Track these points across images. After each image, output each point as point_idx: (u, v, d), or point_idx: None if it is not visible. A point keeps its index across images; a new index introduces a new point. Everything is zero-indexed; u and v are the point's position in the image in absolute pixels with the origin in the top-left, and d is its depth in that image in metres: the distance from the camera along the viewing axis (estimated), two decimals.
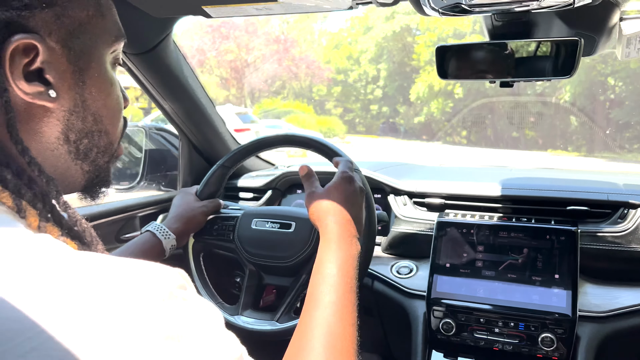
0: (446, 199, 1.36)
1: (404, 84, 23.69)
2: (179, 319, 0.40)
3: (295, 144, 1.21)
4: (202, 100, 1.46)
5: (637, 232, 1.16)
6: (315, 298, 0.75)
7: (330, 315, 0.71)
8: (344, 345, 0.68)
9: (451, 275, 1.20)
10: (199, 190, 1.22)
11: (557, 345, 1.09)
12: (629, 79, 16.10)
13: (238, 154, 1.25)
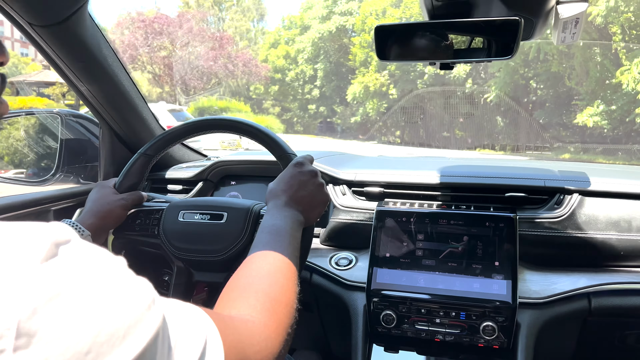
0: (385, 188, 1.32)
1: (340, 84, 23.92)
2: (62, 277, 0.33)
3: (227, 128, 1.12)
4: (125, 83, 1.34)
5: (572, 218, 1.17)
6: (259, 250, 0.75)
7: (274, 267, 0.71)
8: (286, 298, 0.68)
9: (391, 265, 1.16)
10: (118, 182, 1.11)
11: (498, 333, 1.07)
12: (549, 82, 17.07)
13: (162, 140, 1.14)
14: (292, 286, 0.72)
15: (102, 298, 0.35)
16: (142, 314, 0.37)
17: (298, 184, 0.92)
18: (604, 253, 1.14)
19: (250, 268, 0.72)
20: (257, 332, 0.58)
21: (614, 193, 1.17)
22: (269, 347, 0.59)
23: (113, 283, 0.37)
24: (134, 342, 0.35)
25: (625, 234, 1.13)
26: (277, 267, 0.73)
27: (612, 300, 1.09)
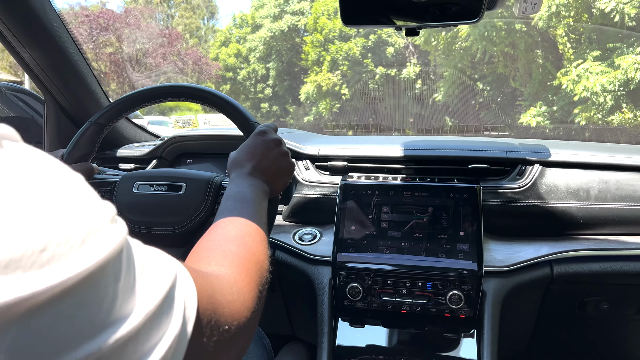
0: (349, 162, 1.29)
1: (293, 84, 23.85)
2: (9, 164, 0.30)
3: (185, 96, 1.06)
4: (72, 52, 1.25)
5: (534, 188, 1.18)
6: (225, 216, 0.72)
7: (242, 231, 0.68)
8: (256, 258, 0.65)
9: (356, 238, 1.13)
10: (66, 153, 1.03)
11: (464, 302, 1.07)
12: (495, 84, 17.66)
13: (115, 108, 1.06)
14: (262, 249, 0.68)
15: (59, 196, 0.31)
16: (103, 225, 0.33)
17: (262, 152, 0.88)
18: (565, 222, 1.16)
19: (216, 232, 0.68)
20: (228, 284, 0.55)
21: (573, 163, 1.20)
22: (240, 299, 0.55)
23: (72, 185, 0.33)
24: (95, 249, 0.31)
25: (584, 203, 1.16)
26: (245, 231, 0.69)
27: (573, 267, 1.11)
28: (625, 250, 1.11)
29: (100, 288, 0.31)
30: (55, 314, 0.28)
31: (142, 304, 0.35)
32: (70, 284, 0.29)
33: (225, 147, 1.44)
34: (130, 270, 0.35)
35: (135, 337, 0.34)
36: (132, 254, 0.37)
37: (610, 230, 1.16)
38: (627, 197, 1.15)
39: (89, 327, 0.30)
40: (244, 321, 0.54)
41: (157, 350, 0.36)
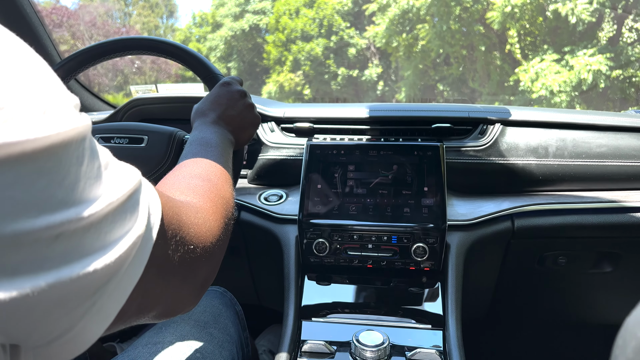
0: (315, 123, 1.29)
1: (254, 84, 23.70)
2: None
3: (146, 49, 1.03)
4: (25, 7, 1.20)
5: (495, 146, 1.21)
6: (189, 158, 0.71)
7: (207, 171, 0.67)
8: (222, 192, 0.64)
9: (323, 196, 1.13)
10: None
11: (428, 254, 1.08)
12: (455, 85, 18.07)
13: (74, 61, 1.03)
14: (227, 187, 0.68)
15: (24, 63, 0.32)
16: (68, 106, 0.33)
17: (227, 102, 0.88)
18: (525, 178, 1.19)
19: (180, 170, 0.67)
20: (194, 210, 0.54)
21: (533, 122, 1.23)
22: (206, 224, 0.54)
23: (39, 62, 0.34)
24: (57, 122, 0.31)
25: (543, 160, 1.19)
26: (210, 170, 0.68)
27: (533, 220, 1.14)
28: (582, 204, 1.15)
29: (62, 164, 0.31)
30: (13, 176, 0.28)
31: (106, 194, 0.35)
32: (30, 149, 0.28)
33: (188, 112, 1.41)
34: (94, 160, 0.35)
35: (98, 224, 0.33)
36: (97, 148, 0.36)
37: (567, 186, 1.20)
38: (582, 154, 1.19)
39: (50, 200, 0.30)
40: (209, 246, 0.53)
41: (120, 245, 0.36)
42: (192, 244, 0.49)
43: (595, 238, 1.17)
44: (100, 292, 0.35)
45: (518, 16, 13.25)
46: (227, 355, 0.89)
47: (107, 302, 0.36)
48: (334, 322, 1.05)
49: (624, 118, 1.25)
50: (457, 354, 0.95)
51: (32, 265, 0.29)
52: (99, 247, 0.34)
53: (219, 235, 0.57)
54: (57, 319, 0.32)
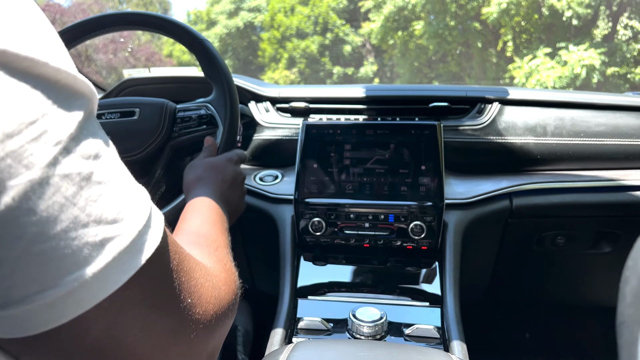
0: (310, 103, 1.27)
1: None
2: None
3: (126, 24, 1.01)
4: None
5: (493, 125, 1.20)
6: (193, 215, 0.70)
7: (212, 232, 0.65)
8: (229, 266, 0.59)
9: (319, 175, 1.12)
10: None
11: (426, 233, 1.07)
12: (451, 82, 18.09)
13: (68, 32, 1.01)
14: (234, 274, 0.60)
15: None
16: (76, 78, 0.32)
17: (231, 182, 0.88)
18: (523, 157, 1.18)
19: (186, 224, 0.64)
20: (204, 271, 0.46)
21: (531, 101, 1.22)
22: (215, 292, 0.46)
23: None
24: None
25: (541, 139, 1.18)
26: (220, 241, 0.65)
27: (531, 199, 1.13)
28: (580, 182, 1.14)
29: None
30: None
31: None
32: None
33: (182, 93, 1.39)
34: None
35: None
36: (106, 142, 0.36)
37: (565, 165, 1.19)
38: (581, 133, 1.18)
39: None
40: (216, 314, 0.45)
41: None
42: (197, 306, 0.42)
43: (594, 217, 1.16)
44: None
45: (513, 12, 13.26)
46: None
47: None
48: (330, 300, 1.03)
49: (623, 97, 1.24)
50: (456, 329, 0.93)
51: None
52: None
53: (227, 311, 0.48)
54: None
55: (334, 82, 20.02)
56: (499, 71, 15.15)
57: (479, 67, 16.00)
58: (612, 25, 12.98)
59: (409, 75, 18.02)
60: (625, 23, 12.81)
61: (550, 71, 11.86)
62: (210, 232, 0.64)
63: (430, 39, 15.60)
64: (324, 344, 0.71)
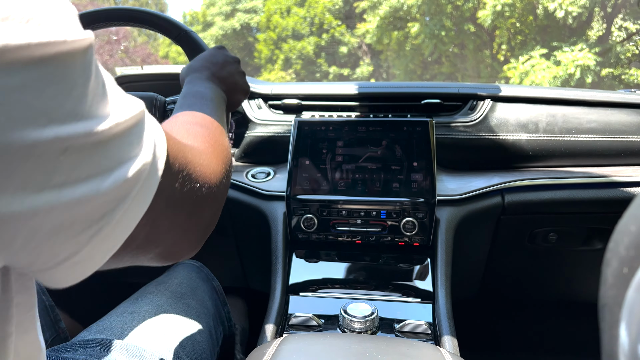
0: (303, 100, 1.27)
1: None
2: None
3: (110, 20, 1.00)
4: None
5: (485, 121, 1.20)
6: (184, 110, 0.69)
7: (204, 121, 0.65)
8: (220, 142, 0.62)
9: (311, 171, 1.11)
10: None
11: (418, 229, 1.07)
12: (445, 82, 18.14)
13: None
14: (225, 139, 0.65)
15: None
16: (71, 17, 0.32)
17: (222, 64, 0.87)
18: (515, 153, 1.18)
19: (177, 118, 0.65)
20: (197, 152, 0.52)
21: (523, 98, 1.22)
22: (210, 166, 0.53)
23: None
24: (63, 31, 0.30)
25: (533, 135, 1.18)
26: (207, 120, 0.66)
27: (523, 195, 1.13)
28: (572, 179, 1.14)
29: (70, 74, 0.30)
30: (21, 79, 0.27)
31: (114, 114, 0.34)
32: (38, 55, 0.28)
33: (172, 88, 1.39)
34: (99, 78, 0.34)
35: (106, 143, 0.33)
36: (101, 72, 0.35)
37: (557, 161, 1.19)
38: (573, 130, 1.18)
39: (58, 110, 0.29)
40: (213, 187, 0.53)
41: (128, 168, 0.35)
42: (198, 182, 0.49)
43: (586, 214, 1.16)
44: (108, 218, 0.34)
45: (508, 14, 13.31)
46: (204, 326, 0.88)
47: (114, 228, 0.35)
48: (322, 296, 1.03)
49: (615, 94, 1.24)
50: (447, 324, 0.93)
51: (40, 180, 0.28)
52: (106, 168, 0.33)
53: (222, 178, 0.56)
54: (63, 241, 0.32)
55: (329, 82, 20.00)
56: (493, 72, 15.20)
57: (473, 69, 16.05)
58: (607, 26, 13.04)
59: (404, 76, 18.06)
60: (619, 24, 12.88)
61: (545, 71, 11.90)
62: (192, 120, 0.65)
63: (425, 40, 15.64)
64: (312, 337, 0.70)
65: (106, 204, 0.33)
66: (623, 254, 0.26)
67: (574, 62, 11.39)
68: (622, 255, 0.26)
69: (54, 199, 0.29)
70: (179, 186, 0.45)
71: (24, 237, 0.29)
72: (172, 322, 0.82)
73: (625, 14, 12.91)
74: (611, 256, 0.27)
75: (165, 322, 0.81)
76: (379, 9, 16.53)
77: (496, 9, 13.09)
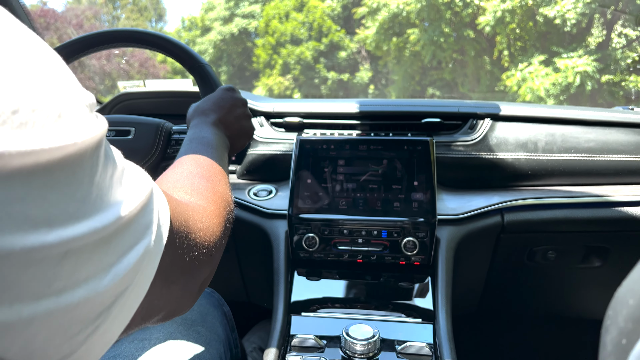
0: (304, 118, 1.28)
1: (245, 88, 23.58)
2: None
3: (126, 41, 1.02)
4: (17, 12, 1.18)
5: (485, 141, 1.21)
6: (189, 155, 0.70)
7: (207, 170, 0.66)
8: (221, 193, 0.63)
9: (313, 190, 1.13)
10: None
11: (419, 248, 1.08)
12: (444, 89, 18.17)
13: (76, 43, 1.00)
14: (227, 189, 0.67)
15: (37, 60, 0.29)
16: (82, 107, 0.30)
17: (229, 107, 0.88)
18: (514, 172, 1.19)
19: (182, 168, 0.66)
20: (199, 213, 0.53)
21: (522, 117, 1.24)
22: (210, 228, 0.54)
23: (52, 57, 0.31)
24: (72, 129, 0.28)
25: (532, 154, 1.19)
26: (211, 170, 0.67)
27: (522, 215, 1.14)
28: (571, 198, 1.15)
29: (76, 176, 0.29)
30: (25, 190, 0.26)
31: (118, 207, 0.33)
32: (44, 160, 0.26)
33: (176, 106, 1.40)
34: (107, 169, 0.33)
35: (108, 240, 0.31)
36: (111, 154, 0.34)
37: (556, 180, 1.20)
38: (571, 149, 1.20)
39: (61, 215, 0.28)
40: (211, 249, 0.53)
41: (129, 261, 0.34)
42: (197, 249, 0.48)
43: (584, 232, 1.17)
44: (105, 315, 0.33)
45: (508, 20, 13.36)
46: (214, 353, 0.88)
47: (112, 323, 0.34)
48: (323, 316, 1.04)
49: (612, 113, 1.26)
50: (448, 347, 0.94)
51: (39, 288, 0.27)
52: (107, 264, 0.32)
53: (221, 238, 0.57)
54: (58, 345, 0.30)
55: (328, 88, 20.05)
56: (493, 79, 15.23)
57: (473, 75, 16.09)
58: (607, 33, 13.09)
59: (403, 82, 18.07)
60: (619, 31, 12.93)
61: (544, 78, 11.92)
62: (196, 171, 0.65)
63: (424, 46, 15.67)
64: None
65: (104, 302, 0.32)
66: (622, 325, 0.27)
67: (573, 69, 11.41)
68: (620, 327, 0.27)
69: (52, 305, 0.28)
70: (177, 260, 0.45)
71: (19, 346, 0.27)
72: (182, 349, 0.83)
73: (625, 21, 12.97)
74: (610, 324, 0.28)
75: (175, 349, 0.82)
76: (378, 15, 16.58)
77: (496, 15, 13.13)
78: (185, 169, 0.65)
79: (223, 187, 0.65)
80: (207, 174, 0.65)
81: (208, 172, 0.66)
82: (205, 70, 0.99)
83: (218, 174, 0.68)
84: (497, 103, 1.28)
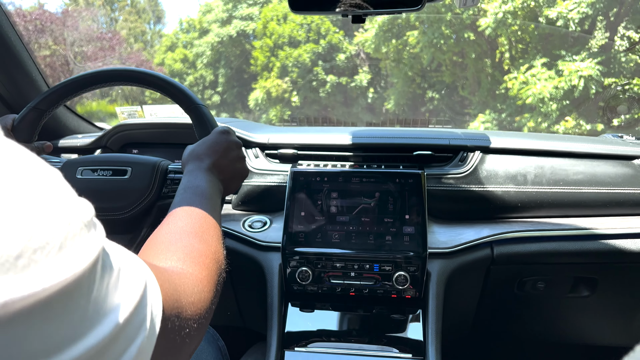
0: (299, 150, 1.30)
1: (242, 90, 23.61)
2: None
3: (126, 79, 1.04)
4: (8, 34, 1.20)
5: (475, 173, 1.23)
6: (182, 207, 0.72)
7: (200, 225, 0.69)
8: (212, 253, 0.65)
9: (306, 223, 1.15)
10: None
11: (410, 282, 1.10)
12: (444, 92, 18.18)
13: (55, 93, 1.03)
14: (220, 246, 0.70)
15: (36, 196, 0.29)
16: (81, 229, 0.32)
17: (223, 151, 0.90)
18: (504, 205, 1.21)
19: (175, 224, 0.68)
20: (191, 285, 0.55)
21: (512, 150, 1.26)
22: (202, 298, 0.56)
23: (49, 183, 0.31)
24: (72, 259, 0.29)
25: (521, 187, 1.22)
26: (204, 226, 0.69)
27: (512, 247, 1.16)
28: (560, 231, 1.17)
29: (73, 301, 0.30)
30: (25, 327, 0.26)
31: (114, 313, 0.34)
32: (45, 297, 0.27)
33: (172, 136, 1.42)
34: (104, 280, 0.34)
35: (103, 351, 0.32)
36: (107, 262, 0.35)
37: (545, 212, 1.23)
38: (560, 181, 1.22)
39: (57, 343, 0.28)
40: (203, 321, 0.55)
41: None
42: (189, 326, 0.50)
43: (573, 264, 1.20)
44: None
45: (510, 22, 13.34)
46: None
47: None
48: (316, 351, 1.06)
49: (601, 145, 1.28)
50: None
51: None
52: None
53: (211, 305, 0.58)
54: None
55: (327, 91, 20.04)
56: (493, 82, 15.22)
57: (473, 78, 16.09)
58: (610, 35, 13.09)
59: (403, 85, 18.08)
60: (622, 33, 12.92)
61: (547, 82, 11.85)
62: (190, 228, 0.67)
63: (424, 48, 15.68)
64: None
65: None
66: None
67: (577, 72, 11.32)
68: None
69: None
70: (171, 344, 0.46)
71: None
72: None
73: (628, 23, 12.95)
74: None
75: None
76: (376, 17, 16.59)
77: (497, 17, 13.09)
78: (178, 226, 0.67)
79: (215, 245, 0.67)
80: (200, 230, 0.67)
81: (201, 228, 0.68)
82: (201, 111, 1.01)
83: (211, 229, 0.69)
84: (487, 134, 1.31)
